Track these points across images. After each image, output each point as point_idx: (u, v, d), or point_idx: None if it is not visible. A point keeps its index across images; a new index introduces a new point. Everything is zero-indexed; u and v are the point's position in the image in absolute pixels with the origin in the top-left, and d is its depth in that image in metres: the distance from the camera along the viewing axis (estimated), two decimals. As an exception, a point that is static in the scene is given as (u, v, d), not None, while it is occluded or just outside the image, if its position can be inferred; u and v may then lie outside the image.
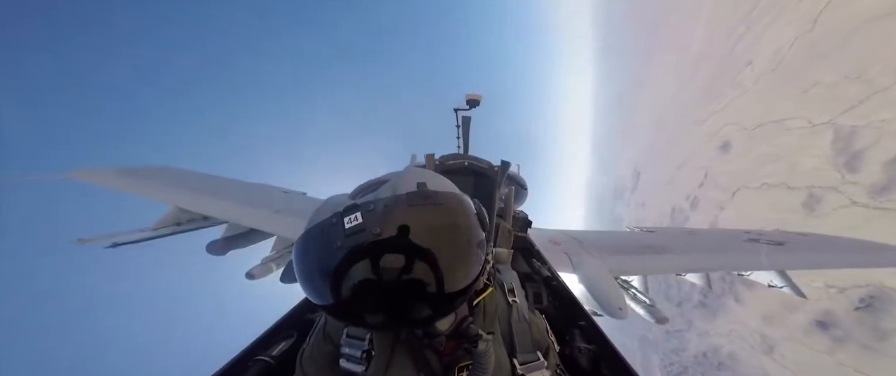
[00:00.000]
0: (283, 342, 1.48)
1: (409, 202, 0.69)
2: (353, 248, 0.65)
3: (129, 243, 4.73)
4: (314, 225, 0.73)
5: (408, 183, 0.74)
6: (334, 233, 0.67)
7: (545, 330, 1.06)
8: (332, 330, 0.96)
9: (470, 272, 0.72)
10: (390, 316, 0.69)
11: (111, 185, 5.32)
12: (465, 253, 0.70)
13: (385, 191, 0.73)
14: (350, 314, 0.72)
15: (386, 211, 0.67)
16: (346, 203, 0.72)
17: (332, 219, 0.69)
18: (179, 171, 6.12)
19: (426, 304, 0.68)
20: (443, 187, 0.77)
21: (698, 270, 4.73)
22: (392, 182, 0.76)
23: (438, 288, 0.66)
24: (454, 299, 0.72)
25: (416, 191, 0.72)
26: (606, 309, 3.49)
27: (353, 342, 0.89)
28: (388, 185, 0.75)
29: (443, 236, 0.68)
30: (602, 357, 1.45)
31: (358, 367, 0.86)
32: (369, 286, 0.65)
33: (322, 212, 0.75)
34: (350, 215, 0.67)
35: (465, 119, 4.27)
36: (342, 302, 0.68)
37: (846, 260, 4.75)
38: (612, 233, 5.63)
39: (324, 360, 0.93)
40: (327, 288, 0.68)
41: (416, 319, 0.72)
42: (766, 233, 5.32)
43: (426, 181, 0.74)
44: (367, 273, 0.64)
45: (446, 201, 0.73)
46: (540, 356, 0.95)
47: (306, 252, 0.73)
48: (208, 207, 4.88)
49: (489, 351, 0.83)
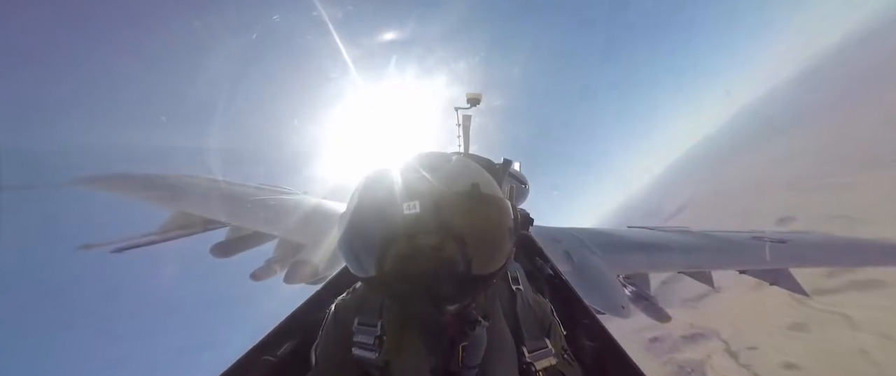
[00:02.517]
0: (287, 342, 1.50)
1: (462, 201, 0.75)
2: (408, 234, 0.70)
3: (134, 248, 4.76)
4: (370, 201, 0.77)
5: (463, 179, 0.79)
6: (391, 214, 0.71)
7: (549, 311, 1.08)
8: (343, 320, 0.98)
9: (497, 261, 0.79)
10: (425, 292, 0.76)
11: (114, 192, 5.36)
12: (499, 247, 0.78)
13: (439, 181, 0.76)
14: (388, 287, 0.78)
15: (441, 205, 0.72)
16: (413, 185, 0.75)
17: (391, 200, 0.73)
18: (181, 176, 6.15)
19: (456, 285, 0.75)
20: (492, 191, 0.83)
21: (701, 268, 4.72)
22: (448, 171, 0.79)
23: (467, 270, 0.72)
24: (480, 282, 0.79)
25: (470, 191, 0.77)
26: (609, 307, 3.49)
27: (365, 329, 0.93)
28: (444, 176, 0.78)
29: (485, 236, 0.76)
30: (606, 354, 1.46)
31: (371, 354, 0.90)
32: (412, 264, 0.71)
33: (376, 189, 0.78)
34: (410, 202, 0.71)
35: (465, 117, 4.29)
36: (385, 276, 0.74)
37: (848, 259, 4.74)
38: (613, 231, 5.62)
39: (337, 351, 0.96)
40: (373, 262, 0.74)
41: (445, 296, 0.78)
42: (769, 232, 5.31)
43: (480, 184, 0.80)
44: (414, 253, 0.70)
45: (495, 207, 0.80)
46: (548, 343, 0.97)
47: (358, 227, 0.77)
48: (211, 211, 4.90)
49: (483, 335, 0.89)
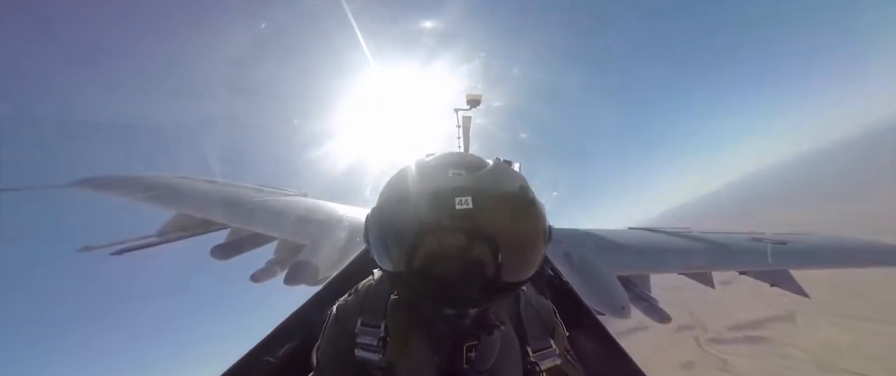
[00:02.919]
0: (287, 343, 1.50)
1: (512, 202, 0.74)
2: (458, 228, 0.67)
3: (134, 249, 4.77)
4: (417, 192, 0.74)
5: (510, 180, 0.78)
6: (442, 205, 0.68)
7: (552, 312, 1.08)
8: (346, 321, 0.97)
9: (532, 267, 0.78)
10: (455, 293, 0.74)
11: (115, 194, 5.36)
12: (534, 256, 0.77)
13: (486, 179, 0.75)
14: (422, 279, 0.74)
15: (492, 203, 0.70)
16: (457, 181, 0.73)
17: (443, 191, 0.70)
18: (181, 178, 6.15)
19: (490, 287, 0.73)
20: (534, 196, 0.81)
21: (701, 269, 4.71)
22: (492, 171, 0.78)
23: (498, 274, 0.70)
24: (510, 288, 0.78)
25: (519, 192, 0.76)
26: (609, 308, 3.49)
27: (369, 330, 0.91)
28: (490, 175, 0.77)
29: (527, 242, 0.74)
30: (607, 355, 1.47)
31: (374, 355, 0.88)
32: (452, 260, 0.69)
33: (423, 179, 0.75)
34: (462, 196, 0.69)
35: (465, 118, 4.30)
36: (420, 269, 0.71)
37: (849, 259, 4.72)
38: (614, 231, 5.60)
39: (338, 352, 0.94)
40: (404, 256, 0.71)
41: (474, 299, 0.78)
42: (769, 233, 5.29)
43: (527, 188, 0.79)
44: (460, 247, 0.68)
45: (539, 212, 0.78)
46: (552, 343, 0.98)
47: (402, 218, 0.73)
48: (211, 213, 4.90)
49: (498, 340, 0.87)
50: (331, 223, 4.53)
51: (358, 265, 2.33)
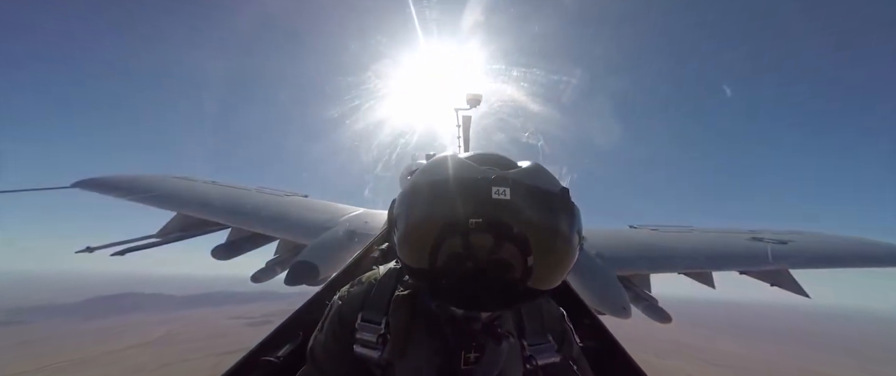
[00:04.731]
0: (288, 343, 1.49)
1: (553, 200, 0.70)
2: (493, 220, 0.64)
3: (136, 250, 4.77)
4: (456, 176, 0.70)
5: (549, 180, 0.74)
6: (479, 193, 0.65)
7: (561, 317, 1.04)
8: (346, 315, 0.95)
9: (558, 280, 0.75)
10: (478, 293, 0.70)
11: (116, 195, 5.38)
12: (566, 264, 0.73)
13: (528, 175, 0.72)
14: (434, 275, 0.70)
15: (530, 200, 0.67)
16: (496, 172, 0.69)
17: (481, 180, 0.67)
18: (182, 179, 6.17)
19: (509, 294, 0.70)
20: (573, 201, 0.78)
21: (702, 269, 4.70)
22: (531, 168, 0.75)
23: (523, 280, 0.68)
24: (530, 296, 0.74)
25: (560, 194, 0.72)
26: (609, 308, 3.48)
27: (369, 326, 0.88)
28: (531, 172, 0.73)
29: (561, 245, 0.70)
30: (608, 355, 1.46)
31: (373, 352, 0.86)
32: (473, 260, 0.65)
33: (461, 168, 0.72)
34: (500, 187, 0.65)
35: (465, 118, 4.30)
36: (439, 264, 0.68)
37: (848, 260, 4.70)
38: (615, 231, 5.60)
39: (337, 348, 0.92)
40: (435, 239, 0.67)
41: (492, 302, 0.74)
42: (769, 233, 5.29)
43: (568, 190, 0.75)
44: (482, 246, 0.64)
45: (576, 218, 0.74)
46: (550, 339, 0.95)
47: (434, 199, 0.70)
48: (212, 213, 4.91)
49: (505, 351, 0.85)
50: (331, 223, 4.54)
51: (359, 264, 2.33)
